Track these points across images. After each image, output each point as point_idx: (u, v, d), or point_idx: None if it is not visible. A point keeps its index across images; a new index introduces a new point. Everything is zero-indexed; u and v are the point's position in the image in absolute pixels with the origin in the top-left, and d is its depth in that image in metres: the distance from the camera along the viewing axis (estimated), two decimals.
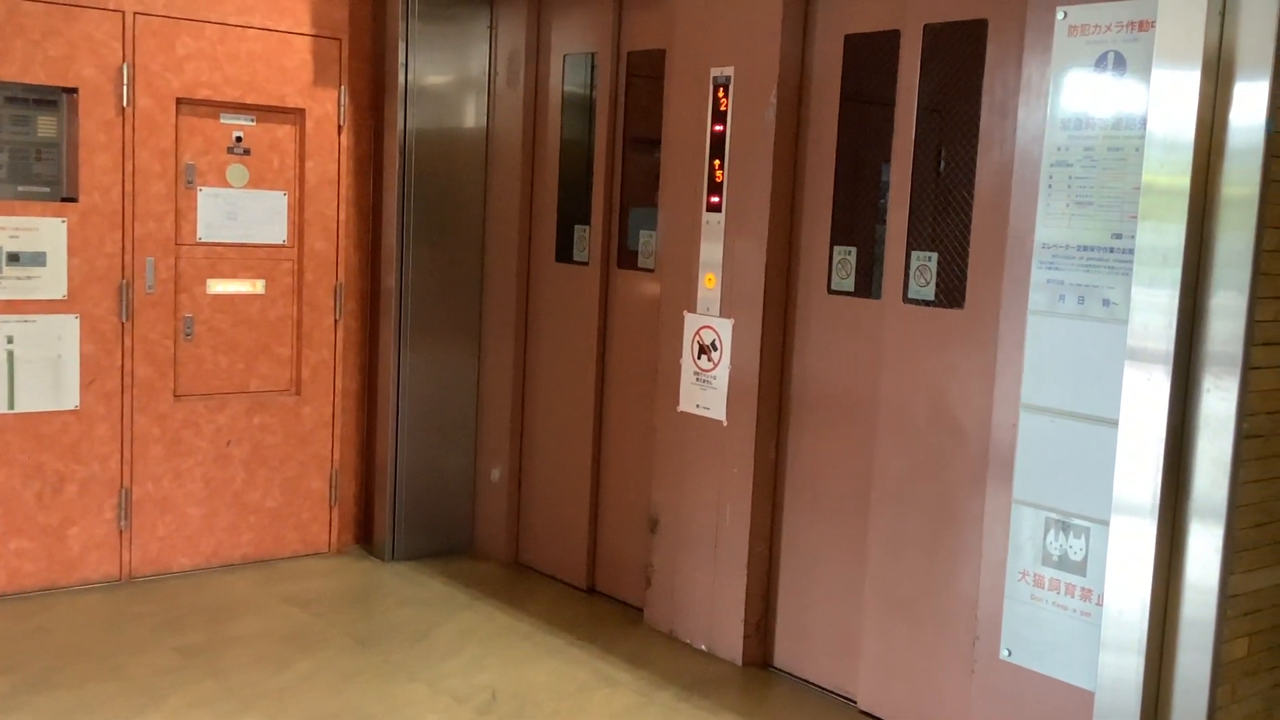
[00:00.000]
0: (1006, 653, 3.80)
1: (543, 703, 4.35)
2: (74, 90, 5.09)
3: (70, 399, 5.16)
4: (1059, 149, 3.60)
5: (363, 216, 5.89)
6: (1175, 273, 3.10)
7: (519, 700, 4.36)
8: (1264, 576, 3.25)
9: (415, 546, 5.90)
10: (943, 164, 4.18)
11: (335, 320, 5.82)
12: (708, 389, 4.84)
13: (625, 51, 5.37)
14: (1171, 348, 3.10)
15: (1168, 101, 3.12)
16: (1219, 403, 3.09)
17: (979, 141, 4.00)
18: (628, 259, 5.41)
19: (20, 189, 5.05)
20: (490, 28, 5.85)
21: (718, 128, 4.76)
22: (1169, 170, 3.12)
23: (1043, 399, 3.67)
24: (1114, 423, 3.28)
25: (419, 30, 5.65)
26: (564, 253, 5.65)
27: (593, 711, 4.31)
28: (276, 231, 5.65)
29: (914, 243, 4.23)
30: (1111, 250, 3.48)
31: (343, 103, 5.73)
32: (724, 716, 4.31)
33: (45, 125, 5.08)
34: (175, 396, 5.43)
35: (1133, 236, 3.26)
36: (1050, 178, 3.63)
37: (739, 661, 4.76)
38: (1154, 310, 3.14)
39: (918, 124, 4.21)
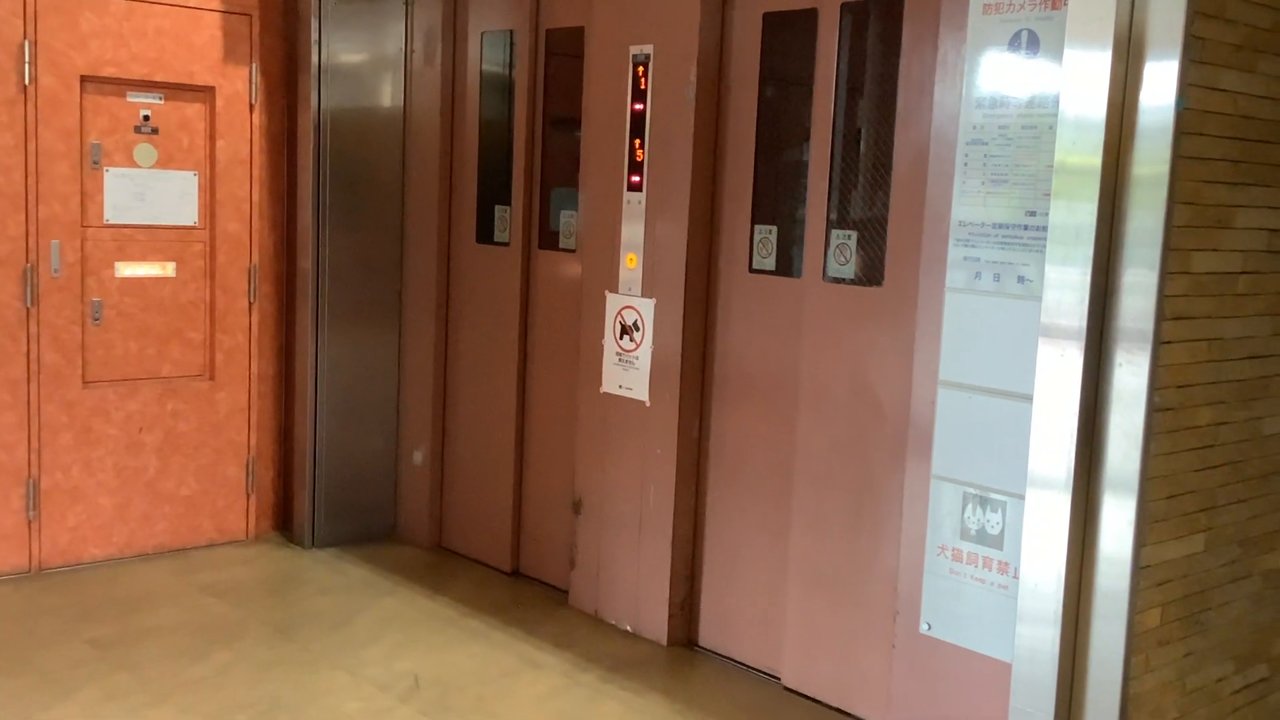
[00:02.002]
0: (926, 627, 3.84)
1: (466, 688, 4.32)
2: None
3: None
4: (974, 127, 3.63)
5: (277, 197, 5.76)
6: (1087, 251, 3.14)
7: (442, 686, 4.32)
8: (1175, 547, 3.32)
9: (336, 533, 5.81)
10: (862, 143, 4.19)
11: (250, 303, 5.70)
12: (630, 369, 4.82)
13: (544, 29, 5.31)
14: (1084, 324, 3.14)
15: (1079, 81, 3.15)
16: (1131, 377, 3.14)
17: (896, 121, 4.02)
18: (549, 239, 5.37)
19: None
20: (406, 4, 5.75)
21: (638, 106, 4.73)
22: (1081, 150, 3.15)
23: (960, 375, 3.71)
24: (1030, 398, 3.31)
25: (332, 6, 5.52)
26: (485, 234, 5.59)
27: (517, 695, 4.29)
28: (187, 212, 5.51)
29: (833, 221, 4.24)
30: (1026, 228, 3.51)
31: (254, 80, 5.60)
32: (649, 697, 4.31)
33: None
34: (84, 383, 5.28)
35: (1047, 214, 3.29)
36: (966, 156, 3.65)
37: (664, 641, 4.76)
38: (1066, 288, 3.17)
39: (836, 103, 4.22)
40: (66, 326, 5.21)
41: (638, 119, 4.73)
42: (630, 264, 4.81)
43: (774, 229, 4.48)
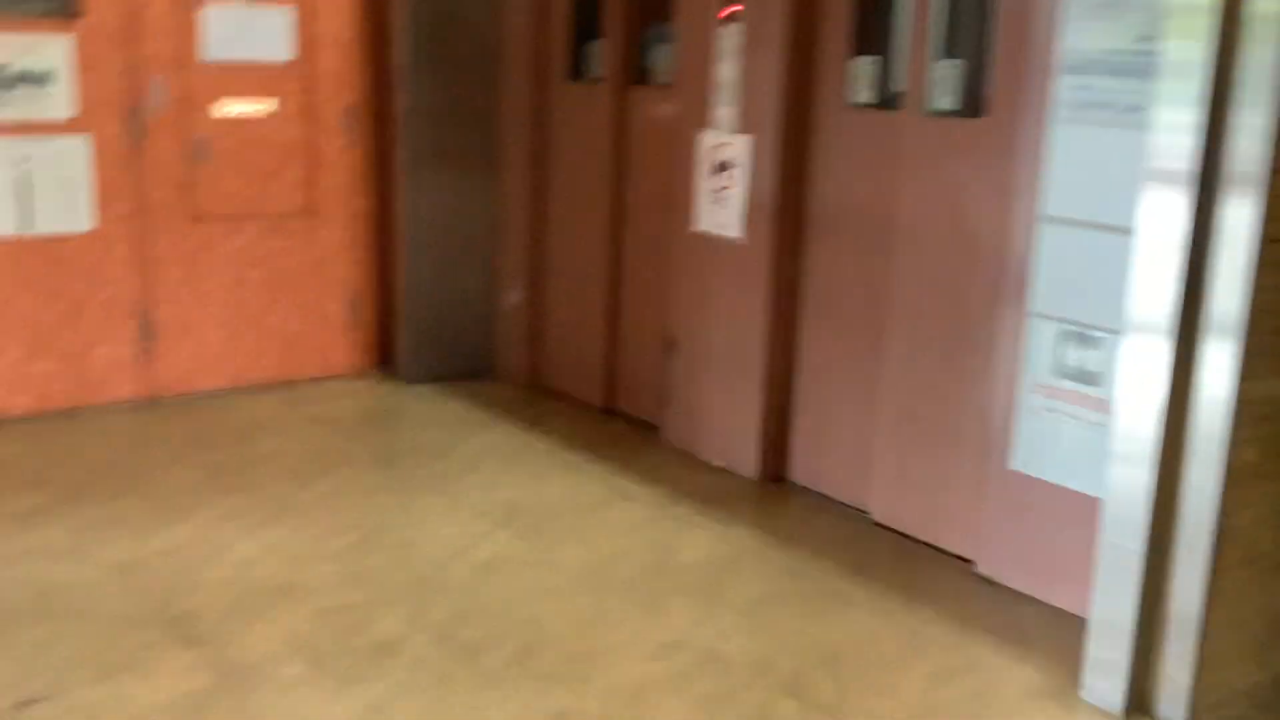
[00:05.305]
0: (1018, 463, 3.84)
1: (560, 516, 4.45)
2: None
3: (85, 222, 5.16)
4: None
5: (373, 34, 5.75)
6: (1197, 89, 2.99)
7: (536, 514, 4.45)
8: (1278, 383, 3.23)
9: (435, 370, 5.95)
10: None
11: (348, 141, 5.74)
12: (724, 207, 4.79)
13: None
14: (1191, 165, 3.02)
15: None
16: (1240, 211, 3.02)
17: None
18: (643, 75, 5.29)
19: (25, 5, 4.93)
20: None
21: None
22: None
23: (1064, 209, 3.62)
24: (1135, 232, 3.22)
25: None
26: (577, 71, 5.53)
27: (610, 524, 4.41)
28: (285, 49, 5.53)
29: (935, 51, 4.10)
30: (1138, 54, 3.36)
31: None
32: (738, 528, 4.40)
33: None
34: (190, 219, 5.41)
35: (1160, 41, 3.14)
36: None
37: (755, 476, 4.83)
38: (1175, 128, 3.04)
39: None
40: (172, 163, 5.31)
41: None
42: (725, 99, 4.72)
43: (873, 60, 4.36)
